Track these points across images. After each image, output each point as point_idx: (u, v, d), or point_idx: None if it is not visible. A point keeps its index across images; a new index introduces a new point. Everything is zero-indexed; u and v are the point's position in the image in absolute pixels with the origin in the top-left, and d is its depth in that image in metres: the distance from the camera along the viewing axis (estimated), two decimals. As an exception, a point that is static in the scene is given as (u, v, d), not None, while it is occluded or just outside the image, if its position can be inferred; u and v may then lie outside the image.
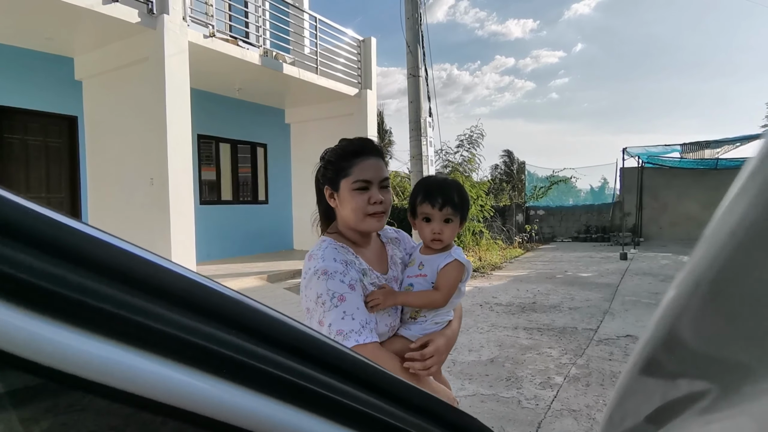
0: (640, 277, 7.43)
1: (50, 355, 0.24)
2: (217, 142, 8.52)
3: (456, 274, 1.16)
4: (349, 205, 1.09)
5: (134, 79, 5.65)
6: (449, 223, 1.16)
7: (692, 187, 13.30)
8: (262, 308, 0.33)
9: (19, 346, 0.23)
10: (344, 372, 0.35)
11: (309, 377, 0.33)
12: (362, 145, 1.14)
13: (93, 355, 0.25)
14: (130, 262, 0.27)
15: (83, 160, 6.43)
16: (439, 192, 1.15)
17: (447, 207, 1.15)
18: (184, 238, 5.41)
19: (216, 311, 0.30)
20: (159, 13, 5.26)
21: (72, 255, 0.25)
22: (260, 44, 6.99)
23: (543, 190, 14.46)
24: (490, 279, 7.72)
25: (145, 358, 0.27)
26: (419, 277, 1.17)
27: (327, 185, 1.14)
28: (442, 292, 1.15)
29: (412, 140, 7.30)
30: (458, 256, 1.18)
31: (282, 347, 0.32)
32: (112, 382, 0.26)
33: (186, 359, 0.28)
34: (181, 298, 0.28)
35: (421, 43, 7.20)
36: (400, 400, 0.38)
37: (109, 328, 0.26)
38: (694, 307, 0.29)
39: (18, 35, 5.50)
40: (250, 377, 0.30)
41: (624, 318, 4.96)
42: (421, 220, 1.19)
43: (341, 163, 1.11)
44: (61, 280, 0.24)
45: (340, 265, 1.05)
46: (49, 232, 0.25)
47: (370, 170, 1.10)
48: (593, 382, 3.28)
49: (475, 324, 4.82)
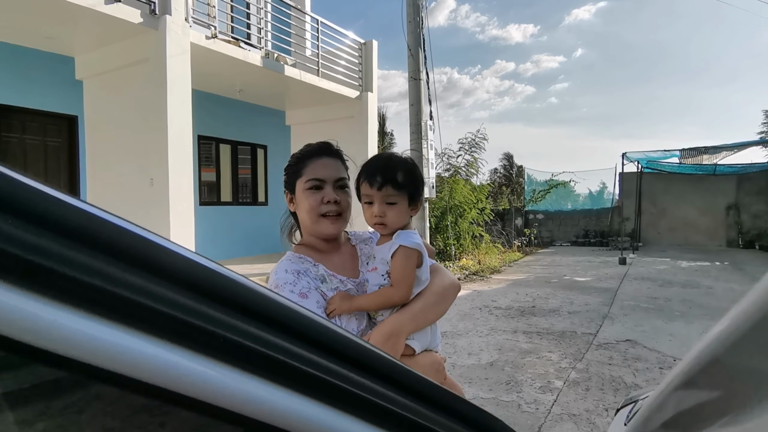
0: (639, 282, 7.44)
1: (47, 338, 0.23)
2: (217, 143, 8.52)
3: (405, 262, 1.02)
4: (302, 207, 1.07)
5: (135, 79, 5.64)
6: (393, 205, 1.04)
7: (691, 193, 13.35)
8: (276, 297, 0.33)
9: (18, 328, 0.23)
10: (369, 368, 0.35)
11: (333, 372, 0.32)
12: (318, 147, 1.11)
13: (97, 340, 0.25)
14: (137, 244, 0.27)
15: (83, 160, 6.41)
16: (379, 171, 1.04)
17: (387, 186, 1.02)
18: (184, 239, 5.40)
19: (224, 296, 0.30)
20: (161, 14, 5.26)
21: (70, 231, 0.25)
22: (262, 46, 7.00)
23: (542, 193, 14.50)
24: (489, 283, 7.72)
25: (148, 342, 0.26)
26: (372, 272, 1.06)
27: (286, 190, 1.12)
28: (396, 287, 1.02)
29: (412, 143, 7.31)
30: (404, 241, 1.03)
31: (297, 337, 0.32)
32: (119, 368, 0.25)
33: (195, 344, 0.28)
34: (180, 278, 0.28)
35: (422, 46, 7.22)
36: (423, 397, 0.38)
37: (116, 311, 0.25)
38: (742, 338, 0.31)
39: (19, 34, 5.49)
40: (257, 364, 0.30)
41: (623, 322, 4.96)
42: (365, 203, 1.07)
43: (297, 165, 1.10)
44: (59, 256, 0.24)
45: (290, 275, 1.01)
46: (42, 206, 0.25)
47: (323, 169, 1.07)
48: (593, 386, 3.28)
49: (474, 327, 4.82)
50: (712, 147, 10.93)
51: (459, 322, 5.05)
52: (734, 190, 13.00)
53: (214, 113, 8.06)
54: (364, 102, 8.62)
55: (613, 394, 3.13)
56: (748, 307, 0.30)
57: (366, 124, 8.57)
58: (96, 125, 6.26)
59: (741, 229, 12.74)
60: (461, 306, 5.84)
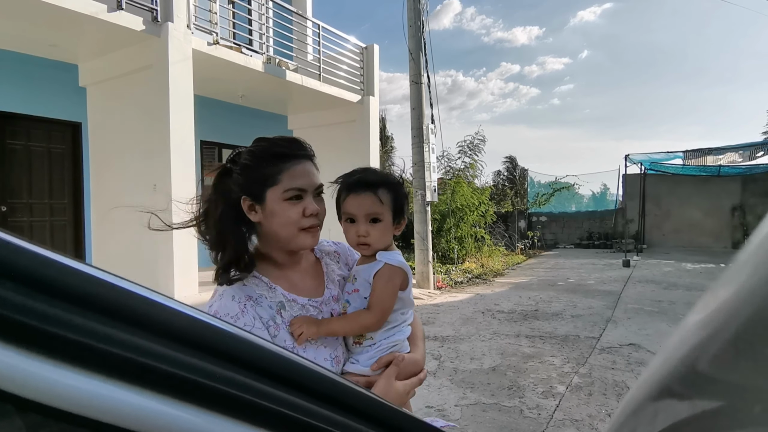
0: (642, 285, 7.39)
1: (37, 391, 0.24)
2: (219, 148, 8.56)
3: (387, 285, 0.95)
4: (279, 219, 0.91)
5: (138, 85, 5.68)
6: (377, 223, 0.96)
7: (695, 194, 13.28)
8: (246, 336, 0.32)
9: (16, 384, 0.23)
10: (335, 401, 0.35)
11: (299, 407, 0.32)
12: (289, 146, 0.95)
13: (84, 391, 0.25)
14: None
15: (87, 167, 6.45)
16: (360, 186, 0.97)
17: (372, 203, 0.96)
18: (187, 243, 5.42)
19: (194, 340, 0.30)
20: (164, 21, 5.30)
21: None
22: (264, 51, 7.03)
23: (545, 197, 14.47)
24: (492, 286, 7.70)
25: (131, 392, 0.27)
26: (354, 294, 0.98)
27: (245, 195, 0.93)
28: (373, 310, 0.94)
29: (414, 147, 7.31)
30: (389, 259, 0.96)
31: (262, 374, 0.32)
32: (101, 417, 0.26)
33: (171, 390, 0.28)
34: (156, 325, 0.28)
35: (423, 50, 7.23)
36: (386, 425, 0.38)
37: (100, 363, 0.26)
38: (719, 341, 0.29)
39: (22, 41, 5.54)
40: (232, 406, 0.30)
41: (627, 326, 4.93)
42: (345, 222, 0.99)
43: (265, 168, 0.92)
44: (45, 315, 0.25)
45: (236, 305, 0.88)
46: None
47: (303, 177, 0.93)
48: (596, 391, 3.26)
49: (476, 332, 4.80)
50: (716, 148, 10.88)
51: (461, 326, 5.04)
52: (739, 191, 12.92)
53: (216, 119, 8.10)
54: (365, 106, 8.65)
55: (616, 399, 3.11)
56: (733, 303, 0.27)
57: (368, 128, 8.59)
58: (99, 132, 6.30)
59: (746, 230, 12.65)
60: (464, 310, 5.83)
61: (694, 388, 0.33)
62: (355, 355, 0.98)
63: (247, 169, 0.93)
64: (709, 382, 0.31)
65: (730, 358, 0.29)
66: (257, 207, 0.93)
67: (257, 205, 0.93)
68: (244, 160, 0.94)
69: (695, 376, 0.32)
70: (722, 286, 0.30)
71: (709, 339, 0.30)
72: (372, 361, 0.95)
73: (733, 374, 0.30)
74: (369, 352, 0.96)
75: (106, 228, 6.30)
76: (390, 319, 0.97)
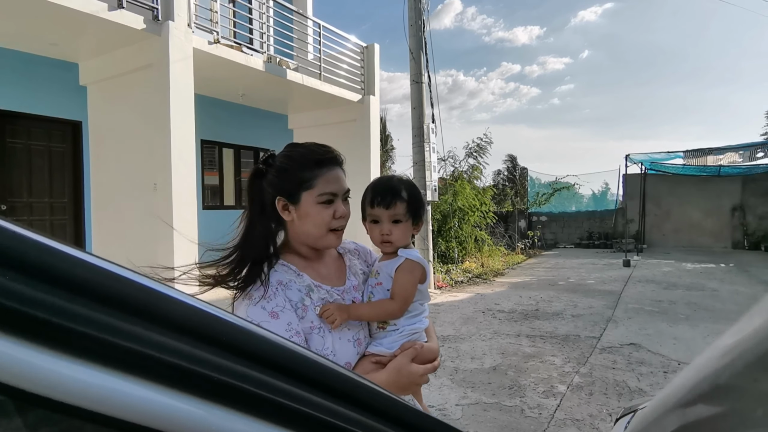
0: (643, 285, 7.39)
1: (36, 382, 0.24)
2: (220, 148, 8.56)
3: (408, 277, 1.08)
4: (312, 220, 1.01)
5: (138, 84, 5.68)
6: (398, 223, 1.10)
7: (695, 194, 13.28)
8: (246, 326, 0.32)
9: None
10: (338, 392, 0.34)
11: (303, 399, 0.32)
12: (325, 153, 1.04)
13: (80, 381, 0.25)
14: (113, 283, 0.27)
15: (87, 165, 6.45)
16: (385, 192, 1.10)
17: (395, 206, 1.09)
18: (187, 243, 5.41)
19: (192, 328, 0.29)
20: (164, 20, 5.29)
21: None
22: (264, 50, 7.03)
23: (546, 197, 14.46)
24: (493, 286, 7.69)
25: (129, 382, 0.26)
26: (377, 286, 1.11)
27: (281, 196, 1.01)
28: (396, 299, 1.08)
29: (414, 146, 7.30)
30: (409, 255, 1.11)
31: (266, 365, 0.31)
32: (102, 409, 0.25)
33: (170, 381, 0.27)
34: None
35: (424, 49, 7.22)
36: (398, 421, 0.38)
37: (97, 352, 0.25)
38: None
39: (23, 40, 5.54)
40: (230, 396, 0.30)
41: (627, 326, 4.92)
42: (370, 223, 1.13)
43: (302, 173, 1.00)
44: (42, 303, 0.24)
45: (268, 288, 0.97)
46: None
47: (336, 182, 1.02)
48: (596, 391, 3.25)
49: (477, 331, 4.80)
50: (716, 148, 10.87)
51: (462, 325, 5.03)
52: (739, 191, 12.91)
53: (216, 118, 8.10)
54: (366, 105, 8.65)
55: (617, 398, 3.11)
56: (761, 324, 0.29)
57: (368, 127, 8.59)
58: (100, 130, 6.30)
59: (746, 230, 12.65)
60: (464, 310, 5.82)
61: (717, 401, 0.34)
62: (379, 339, 1.09)
63: (285, 172, 1.01)
64: (732, 396, 0.32)
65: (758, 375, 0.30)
66: (291, 207, 1.01)
67: (291, 206, 1.01)
68: (281, 164, 1.02)
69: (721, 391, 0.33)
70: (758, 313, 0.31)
71: (740, 357, 0.31)
72: (395, 344, 1.06)
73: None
74: (392, 335, 1.08)
75: (105, 226, 6.30)
76: (410, 308, 1.10)
